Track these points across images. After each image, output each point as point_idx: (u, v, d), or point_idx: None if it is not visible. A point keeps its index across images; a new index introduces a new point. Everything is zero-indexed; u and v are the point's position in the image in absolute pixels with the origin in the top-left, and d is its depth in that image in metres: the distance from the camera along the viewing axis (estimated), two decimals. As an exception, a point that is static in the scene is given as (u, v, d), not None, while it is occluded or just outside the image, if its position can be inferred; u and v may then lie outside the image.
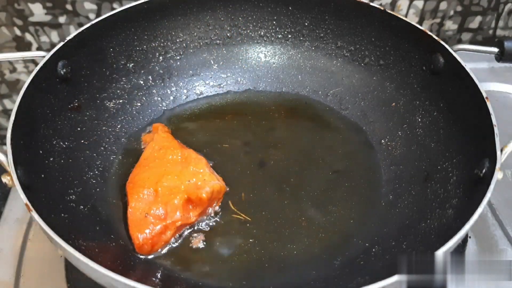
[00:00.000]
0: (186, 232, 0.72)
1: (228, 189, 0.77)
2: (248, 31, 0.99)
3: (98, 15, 1.03)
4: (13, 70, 1.10)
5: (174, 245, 0.71)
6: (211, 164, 0.80)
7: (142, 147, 0.84)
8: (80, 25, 1.04)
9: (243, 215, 0.75)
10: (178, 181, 0.73)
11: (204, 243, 0.71)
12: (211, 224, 0.73)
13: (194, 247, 0.70)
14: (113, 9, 1.02)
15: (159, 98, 0.93)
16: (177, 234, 0.72)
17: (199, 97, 0.95)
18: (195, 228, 0.72)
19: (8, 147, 0.62)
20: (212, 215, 0.74)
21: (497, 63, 0.81)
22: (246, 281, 0.67)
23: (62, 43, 0.77)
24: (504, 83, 1.08)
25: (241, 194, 0.77)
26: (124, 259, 0.68)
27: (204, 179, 0.75)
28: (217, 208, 0.75)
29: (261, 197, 0.77)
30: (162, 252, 0.70)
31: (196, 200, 0.72)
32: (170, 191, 0.72)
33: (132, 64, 0.91)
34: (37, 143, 0.72)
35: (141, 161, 0.79)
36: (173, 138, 0.84)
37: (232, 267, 0.68)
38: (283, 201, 0.77)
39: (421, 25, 1.04)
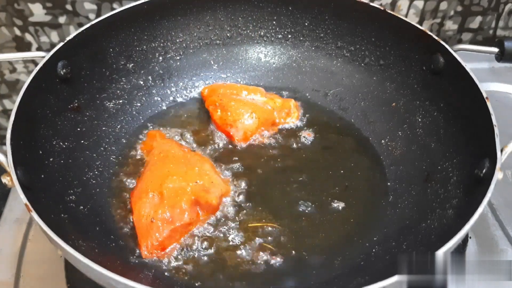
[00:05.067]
0: (190, 233, 0.72)
1: (233, 191, 0.77)
2: (248, 31, 0.99)
3: (98, 15, 1.03)
4: (13, 70, 1.10)
5: (176, 246, 0.70)
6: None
7: (142, 157, 0.83)
8: (80, 25, 1.04)
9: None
10: (183, 182, 0.72)
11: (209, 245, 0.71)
12: (212, 226, 0.73)
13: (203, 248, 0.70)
14: (113, 9, 1.02)
15: (159, 98, 0.93)
16: (185, 236, 0.71)
17: (199, 97, 0.95)
18: (200, 229, 0.72)
19: (8, 147, 0.62)
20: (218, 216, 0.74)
21: (497, 63, 0.81)
22: (246, 281, 0.67)
23: (62, 43, 0.77)
24: (504, 83, 1.08)
25: (241, 193, 0.77)
26: (124, 259, 0.68)
27: (212, 181, 0.74)
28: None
29: (260, 196, 0.77)
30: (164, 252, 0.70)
31: (205, 205, 0.72)
32: (176, 193, 0.71)
33: (132, 64, 0.91)
34: (37, 143, 0.71)
35: (143, 170, 0.78)
36: (173, 141, 0.84)
37: (231, 267, 0.68)
38: (284, 200, 0.77)
39: (421, 25, 1.04)
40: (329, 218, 0.75)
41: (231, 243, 0.70)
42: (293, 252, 0.70)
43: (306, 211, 0.76)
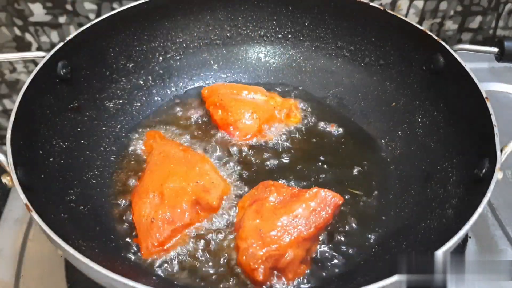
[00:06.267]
0: (191, 233, 0.72)
1: (233, 190, 0.77)
2: (248, 31, 0.99)
3: (98, 15, 1.03)
4: (13, 70, 1.10)
5: (177, 246, 0.70)
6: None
7: (142, 157, 0.84)
8: (80, 25, 1.04)
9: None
10: (184, 182, 0.73)
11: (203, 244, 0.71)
12: (212, 226, 0.73)
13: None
14: (113, 9, 1.02)
15: (159, 98, 0.93)
16: (186, 235, 0.71)
17: (200, 97, 0.95)
18: (201, 229, 0.72)
19: (8, 147, 0.62)
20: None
21: (497, 63, 0.81)
22: (246, 281, 0.67)
23: (62, 43, 0.77)
24: (504, 83, 1.08)
25: (242, 192, 0.77)
26: (124, 259, 0.68)
27: (212, 181, 0.74)
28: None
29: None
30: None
31: (205, 205, 0.72)
32: (177, 193, 0.71)
33: (132, 64, 0.91)
34: (37, 143, 0.72)
35: (144, 171, 0.79)
36: (173, 141, 0.84)
37: (231, 267, 0.68)
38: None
39: (421, 25, 1.04)
40: (329, 218, 0.75)
41: (231, 243, 0.70)
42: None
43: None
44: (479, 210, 0.58)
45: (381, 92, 0.91)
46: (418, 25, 0.83)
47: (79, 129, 0.81)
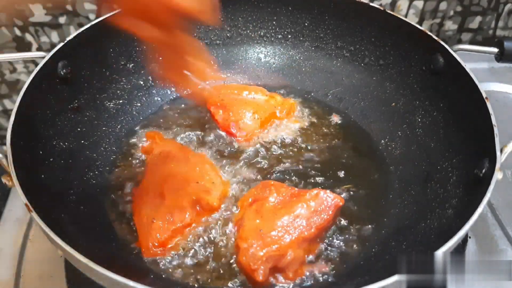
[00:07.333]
0: (191, 233, 0.72)
1: (234, 191, 0.77)
2: (248, 31, 0.99)
3: (98, 15, 1.03)
4: (13, 70, 1.10)
5: (177, 246, 0.70)
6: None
7: (142, 158, 0.84)
8: (80, 25, 1.04)
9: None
10: (184, 182, 0.73)
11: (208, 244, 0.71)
12: (212, 226, 0.73)
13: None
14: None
15: (159, 98, 0.93)
16: (186, 235, 0.71)
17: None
18: (201, 229, 0.72)
19: (8, 147, 0.62)
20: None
21: (497, 63, 0.81)
22: (246, 280, 0.67)
23: (62, 44, 0.77)
24: (504, 83, 1.08)
25: (243, 192, 0.77)
26: (124, 259, 0.68)
27: (212, 182, 0.74)
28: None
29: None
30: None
31: (206, 205, 0.72)
32: (177, 194, 0.71)
33: (132, 64, 0.91)
34: (37, 143, 0.72)
35: (144, 171, 0.79)
36: (173, 141, 0.84)
37: (231, 267, 0.68)
38: (283, 201, 0.77)
39: (421, 25, 1.04)
40: (329, 218, 0.75)
41: (231, 243, 0.70)
42: (293, 252, 0.70)
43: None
44: (479, 210, 0.58)
45: (381, 92, 0.91)
46: (418, 25, 0.83)
47: (79, 129, 0.81)
